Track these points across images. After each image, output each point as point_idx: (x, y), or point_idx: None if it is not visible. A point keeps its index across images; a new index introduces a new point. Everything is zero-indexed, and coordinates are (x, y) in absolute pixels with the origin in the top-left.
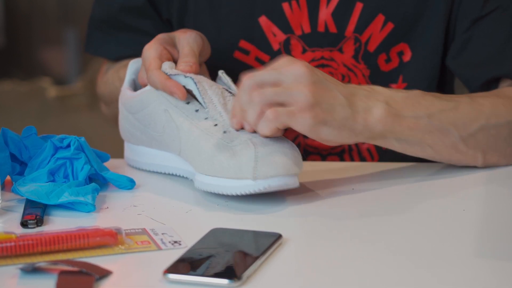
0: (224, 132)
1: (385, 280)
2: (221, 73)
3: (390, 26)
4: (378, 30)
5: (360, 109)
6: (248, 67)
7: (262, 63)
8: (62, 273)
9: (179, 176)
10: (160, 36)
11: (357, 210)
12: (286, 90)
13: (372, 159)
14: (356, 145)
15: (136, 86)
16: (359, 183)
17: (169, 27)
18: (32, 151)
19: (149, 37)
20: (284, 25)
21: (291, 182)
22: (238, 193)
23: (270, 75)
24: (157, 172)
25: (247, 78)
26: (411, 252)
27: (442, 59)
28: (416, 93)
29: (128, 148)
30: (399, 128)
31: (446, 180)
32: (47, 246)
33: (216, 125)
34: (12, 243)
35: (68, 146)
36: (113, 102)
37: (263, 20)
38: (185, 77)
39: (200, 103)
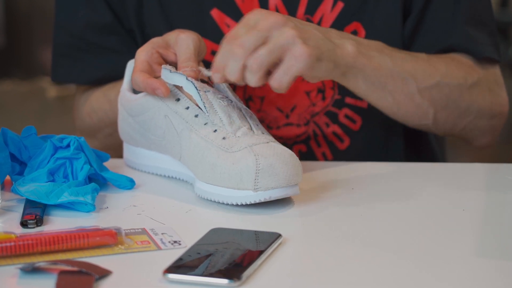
0: (223, 138)
1: (384, 280)
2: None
3: (340, 5)
4: (329, 10)
5: (337, 44)
6: (204, 62)
7: None
8: (62, 273)
9: (179, 179)
10: (154, 40)
11: (357, 210)
12: (276, 45)
13: (342, 142)
14: (321, 129)
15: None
16: (359, 183)
17: (134, 40)
18: (32, 151)
19: (118, 54)
20: (237, 15)
21: (292, 192)
22: (239, 203)
23: (255, 37)
24: (156, 174)
25: (233, 45)
26: (410, 252)
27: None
28: (378, 42)
29: (127, 149)
30: (368, 66)
31: (445, 180)
32: (46, 246)
33: (215, 130)
34: (12, 243)
35: (68, 146)
36: (103, 129)
37: (215, 13)
38: (187, 79)
39: (199, 108)
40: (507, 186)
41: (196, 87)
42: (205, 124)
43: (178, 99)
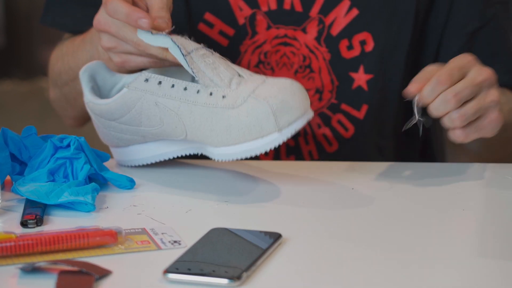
0: (223, 97)
1: (384, 280)
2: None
3: (354, 12)
4: (343, 14)
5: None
6: (210, 40)
7: (225, 36)
8: (62, 273)
9: (182, 156)
10: None
11: (357, 210)
12: (483, 107)
13: (330, 145)
14: (312, 129)
15: (98, 91)
16: (359, 183)
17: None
18: (32, 151)
19: None
20: (251, 0)
21: (309, 116)
22: (267, 150)
23: (470, 92)
24: (155, 167)
25: (448, 91)
26: (410, 252)
27: (416, 57)
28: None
29: (117, 152)
30: (503, 122)
31: (445, 180)
32: (47, 246)
33: (211, 93)
34: (12, 243)
35: (68, 146)
36: (62, 74)
37: None
38: (172, 41)
39: (188, 79)
40: (507, 186)
41: (182, 53)
42: (197, 92)
43: (159, 82)
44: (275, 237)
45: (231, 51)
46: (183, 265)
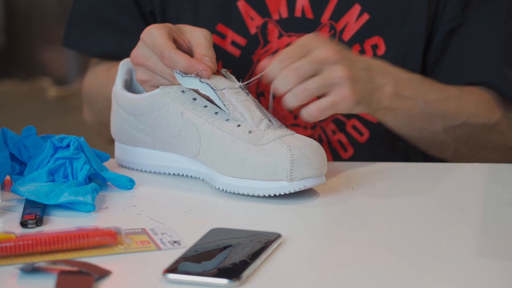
0: (250, 132)
1: (384, 280)
2: (225, 72)
3: (365, 17)
4: (354, 19)
5: (377, 86)
6: (223, 51)
7: (237, 47)
8: (62, 273)
9: (186, 176)
10: (167, 24)
11: (357, 210)
12: (327, 82)
13: (345, 151)
14: (327, 136)
15: (128, 86)
16: (359, 183)
17: (152, 22)
18: (32, 151)
19: (128, 34)
20: (262, 9)
21: (322, 181)
22: (271, 194)
23: (310, 67)
24: (158, 173)
25: (288, 67)
26: (410, 252)
27: (424, 59)
28: (417, 78)
29: (121, 150)
30: (400, 107)
31: (445, 180)
32: (46, 246)
33: (239, 125)
34: (12, 243)
35: (68, 146)
36: (97, 101)
37: (241, 4)
38: (201, 82)
39: (218, 106)
40: (507, 186)
41: (212, 88)
42: (226, 120)
43: (194, 99)
44: (275, 237)
45: (244, 61)
46: (183, 265)
